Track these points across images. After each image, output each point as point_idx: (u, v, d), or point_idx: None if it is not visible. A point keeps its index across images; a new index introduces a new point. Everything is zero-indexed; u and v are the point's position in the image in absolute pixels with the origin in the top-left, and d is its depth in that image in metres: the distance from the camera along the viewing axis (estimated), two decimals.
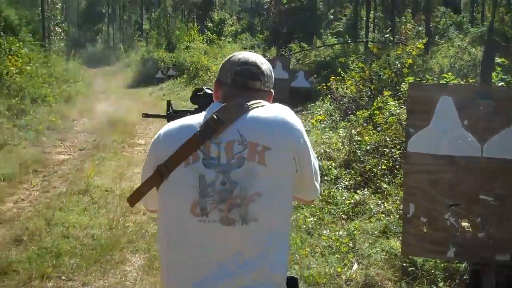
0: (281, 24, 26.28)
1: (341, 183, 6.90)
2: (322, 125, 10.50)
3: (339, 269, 4.72)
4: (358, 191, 6.48)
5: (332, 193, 6.57)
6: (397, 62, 10.74)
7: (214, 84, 1.95)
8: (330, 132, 9.60)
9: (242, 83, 1.85)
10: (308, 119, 11.27)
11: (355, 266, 4.78)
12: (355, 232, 5.35)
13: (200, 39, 31.56)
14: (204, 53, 27.43)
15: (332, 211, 6.15)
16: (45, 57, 24.04)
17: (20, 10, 29.16)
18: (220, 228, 1.65)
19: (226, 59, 1.96)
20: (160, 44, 34.73)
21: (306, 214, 6.08)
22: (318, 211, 6.17)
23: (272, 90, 1.96)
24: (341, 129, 8.89)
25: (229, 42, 31.51)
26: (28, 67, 17.01)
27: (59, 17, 40.29)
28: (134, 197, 1.83)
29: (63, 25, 42.49)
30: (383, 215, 5.61)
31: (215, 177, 1.67)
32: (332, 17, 35.69)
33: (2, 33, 22.35)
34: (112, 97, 22.35)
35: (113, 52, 49.03)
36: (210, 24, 37.19)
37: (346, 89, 11.25)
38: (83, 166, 9.59)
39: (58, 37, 38.48)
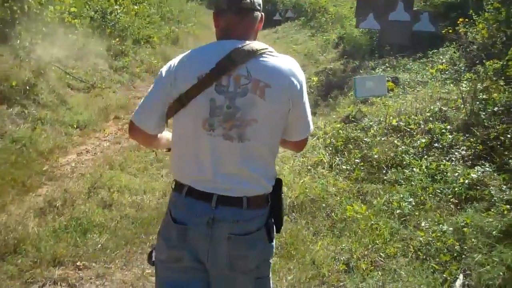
0: None
1: (456, 153, 5.37)
2: (443, 76, 8.74)
3: (434, 285, 3.36)
4: (476, 167, 4.94)
5: (441, 166, 5.08)
6: None
7: (213, 16, 2.13)
8: (451, 85, 7.85)
9: (237, 6, 2.05)
10: (427, 68, 9.52)
11: (459, 283, 3.40)
12: (465, 229, 3.90)
13: None
14: None
15: (439, 191, 4.70)
16: None
17: None
18: (222, 141, 2.00)
19: None
20: None
21: (403, 194, 4.69)
22: (419, 190, 4.75)
23: (262, 14, 2.15)
24: (464, 82, 7.16)
25: None
26: (137, 6, 16.46)
27: None
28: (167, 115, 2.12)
29: None
30: (508, 207, 4.06)
31: (223, 101, 1.98)
32: None
33: None
34: None
35: None
36: None
37: (477, 34, 9.31)
38: None
39: None
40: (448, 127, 5.89)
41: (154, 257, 2.16)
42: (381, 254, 3.89)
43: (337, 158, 5.85)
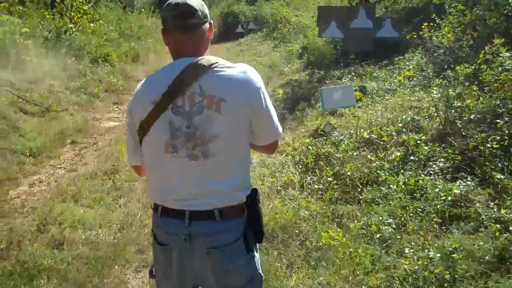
0: None
1: (434, 166, 5.03)
2: (411, 83, 8.48)
3: None
4: (458, 180, 4.60)
5: (420, 181, 4.73)
6: (509, 0, 8.38)
7: (162, 34, 2.14)
8: (421, 92, 7.57)
9: (182, 25, 2.06)
10: (394, 75, 9.26)
11: None
12: (454, 255, 3.53)
13: None
14: (286, 5, 25.43)
15: (420, 210, 4.34)
16: (123, 14, 23.18)
17: None
18: (187, 162, 2.03)
19: (163, 7, 2.12)
20: None
21: (382, 216, 4.31)
22: (399, 210, 4.39)
23: (211, 21, 2.17)
24: (435, 89, 6.87)
25: None
26: (93, 24, 15.90)
27: None
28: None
29: None
30: (498, 227, 3.71)
31: (181, 121, 2.02)
32: None
33: None
34: None
35: None
36: None
37: (442, 38, 9.10)
38: (123, 138, 8.27)
39: None
40: (423, 137, 5.55)
41: (155, 271, 2.26)
42: (363, 287, 3.50)
43: (308, 177, 5.46)
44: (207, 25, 2.12)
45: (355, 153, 5.62)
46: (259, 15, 27.32)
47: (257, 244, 2.20)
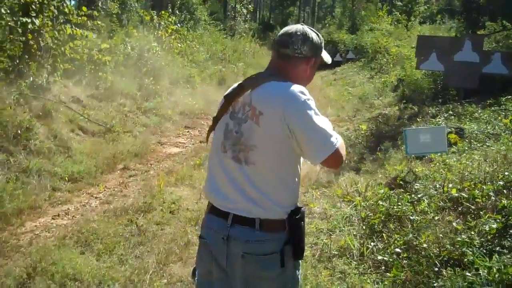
0: None
1: None
2: None
3: None
4: None
5: None
6: None
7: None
8: None
9: (277, 50, 2.28)
10: (500, 117, 7.79)
11: None
12: None
13: (388, 20, 28.16)
14: (388, 35, 24.08)
15: None
16: (219, 37, 22.93)
17: None
18: (233, 163, 2.18)
19: None
20: (343, 25, 32.00)
21: None
22: None
23: (310, 56, 2.27)
24: None
25: (419, 23, 27.64)
26: (181, 45, 15.46)
27: None
28: (207, 135, 2.49)
29: (249, 6, 41.63)
30: None
31: (233, 126, 2.21)
32: None
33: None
34: None
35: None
36: (399, 3, 33.37)
37: None
38: (178, 167, 7.44)
39: (243, 18, 37.95)
40: None
41: (197, 274, 2.33)
42: None
43: (372, 243, 4.25)
44: (301, 60, 2.26)
45: (437, 217, 4.33)
46: (358, 44, 26.32)
47: (299, 261, 2.26)
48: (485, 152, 6.01)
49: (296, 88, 2.11)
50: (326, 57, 2.39)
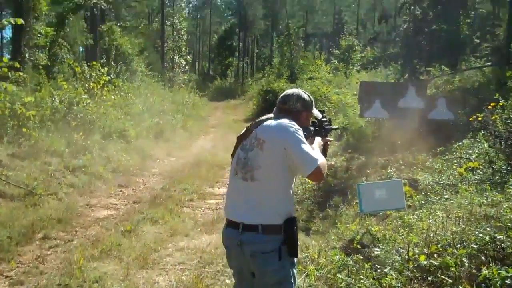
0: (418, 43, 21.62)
1: None
2: (476, 177, 6.56)
3: None
4: None
5: None
6: None
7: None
8: (493, 191, 5.64)
9: (278, 105, 3.18)
10: (454, 166, 7.33)
11: None
12: None
13: (326, 69, 28.29)
14: (328, 83, 24.04)
15: None
16: (156, 89, 22.22)
17: (136, 39, 28.05)
18: (242, 182, 2.97)
19: None
20: (282, 74, 31.98)
21: None
22: None
23: (304, 110, 3.17)
24: None
25: (357, 70, 27.88)
26: (114, 97, 14.63)
27: (183, 49, 39.06)
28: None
29: (188, 57, 41.28)
30: None
31: (243, 154, 3.00)
32: (478, 41, 30.18)
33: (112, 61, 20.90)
34: (220, 131, 19.72)
35: (240, 86, 47.21)
36: (336, 51, 33.79)
37: (511, 122, 7.23)
38: (106, 235, 6.53)
39: (181, 70, 37.50)
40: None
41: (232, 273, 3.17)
42: None
43: None
44: (296, 113, 3.13)
45: None
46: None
47: (294, 258, 2.96)
48: (445, 206, 5.46)
49: (288, 121, 2.95)
50: (316, 113, 3.32)
